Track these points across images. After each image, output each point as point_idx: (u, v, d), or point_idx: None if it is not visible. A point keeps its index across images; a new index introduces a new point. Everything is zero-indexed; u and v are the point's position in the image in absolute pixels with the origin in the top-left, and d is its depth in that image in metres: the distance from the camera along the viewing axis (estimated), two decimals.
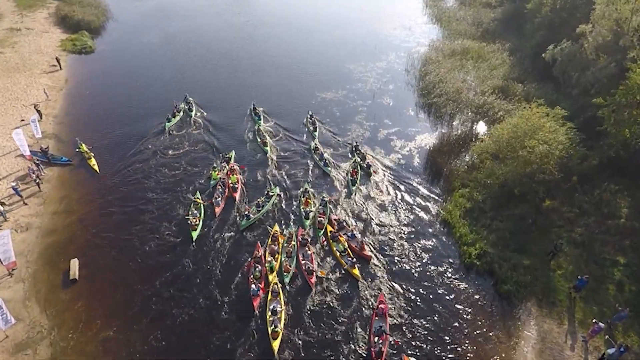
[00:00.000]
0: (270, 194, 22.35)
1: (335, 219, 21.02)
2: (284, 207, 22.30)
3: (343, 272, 18.63)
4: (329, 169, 24.36)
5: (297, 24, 49.18)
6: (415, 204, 22.30)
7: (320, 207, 21.89)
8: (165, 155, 25.78)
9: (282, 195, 22.93)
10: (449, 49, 40.42)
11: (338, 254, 19.27)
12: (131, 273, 18.35)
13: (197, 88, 33.37)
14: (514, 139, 21.26)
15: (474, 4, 56.90)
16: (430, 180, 23.87)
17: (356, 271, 18.32)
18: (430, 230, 20.73)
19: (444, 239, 20.27)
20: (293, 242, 19.60)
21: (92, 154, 24.97)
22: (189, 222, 20.35)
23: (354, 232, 20.30)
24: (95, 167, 24.37)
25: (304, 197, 22.27)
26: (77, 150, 25.18)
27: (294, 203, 22.47)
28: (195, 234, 20.04)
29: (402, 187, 23.32)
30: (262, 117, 29.32)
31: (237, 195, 22.59)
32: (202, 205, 21.65)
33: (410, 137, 27.56)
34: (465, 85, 33.11)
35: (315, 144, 26.30)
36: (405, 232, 20.66)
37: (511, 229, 19.88)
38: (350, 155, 26.00)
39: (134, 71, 36.33)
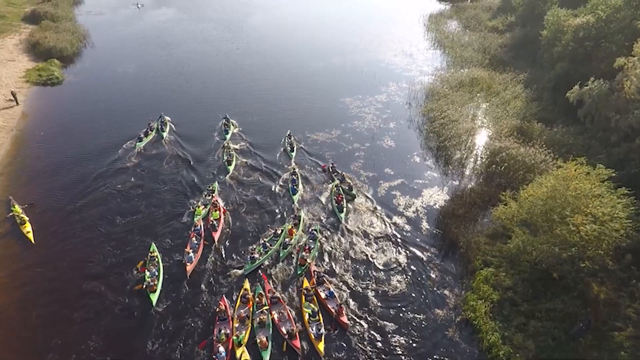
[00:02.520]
0: (279, 232, 19.82)
1: (315, 270, 18.06)
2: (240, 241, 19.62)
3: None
4: (295, 196, 22.41)
5: (291, 51, 45.43)
6: (425, 290, 17.53)
7: (309, 240, 19.53)
8: (124, 196, 22.46)
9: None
10: (455, 79, 36.44)
11: (307, 317, 16.22)
12: None
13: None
14: (550, 209, 16.69)
15: (479, 28, 53.56)
16: (443, 255, 19.10)
17: (321, 346, 15.14)
18: (446, 332, 15.87)
19: (466, 347, 15.41)
20: (265, 307, 16.59)
21: (27, 218, 20.36)
22: (145, 282, 17.22)
23: (333, 290, 17.18)
24: (30, 235, 19.72)
25: (290, 224, 20.30)
26: (10, 213, 20.61)
27: (246, 234, 20.18)
28: (154, 297, 16.92)
29: (410, 268, 18.55)
30: (230, 132, 28.36)
31: (217, 236, 19.92)
32: (159, 260, 18.50)
33: (416, 192, 23.01)
34: (476, 124, 28.90)
35: (294, 168, 24.62)
36: (407, 328, 15.96)
37: (554, 333, 15.10)
38: (327, 178, 24.12)
39: (101, 106, 32.04)
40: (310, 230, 20.19)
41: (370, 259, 18.88)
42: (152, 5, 64.04)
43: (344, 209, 21.21)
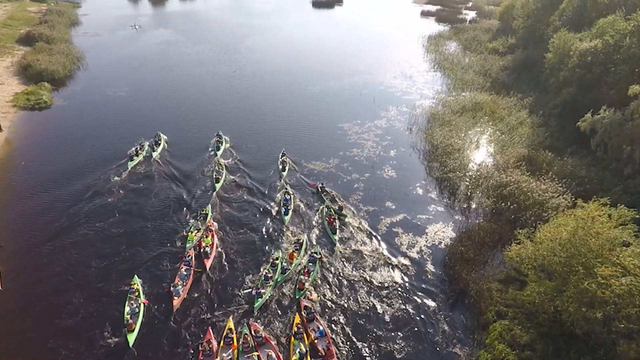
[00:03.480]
0: (276, 261, 18.77)
1: (306, 305, 16.86)
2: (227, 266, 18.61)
3: None
4: (287, 217, 21.76)
5: (288, 74, 44.54)
6: (432, 345, 15.71)
7: (309, 263, 18.88)
8: (104, 227, 21.01)
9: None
10: (458, 103, 35.33)
11: (294, 359, 14.97)
12: None
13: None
14: (571, 256, 15.06)
15: (479, 49, 53.00)
16: (452, 304, 17.28)
17: None
18: None
19: None
20: (255, 353, 15.11)
21: None
22: (125, 321, 16.00)
23: (324, 329, 15.88)
24: None
25: (291, 248, 19.55)
26: None
27: (238, 261, 19.13)
28: (131, 337, 15.58)
29: (415, 318, 16.70)
30: (222, 148, 28.07)
31: (209, 263, 18.88)
32: (140, 294, 17.11)
33: (420, 229, 21.37)
34: (482, 152, 27.52)
35: (285, 188, 24.09)
36: None
37: None
38: (317, 199, 23.51)
39: (88, 132, 30.62)
40: (310, 252, 19.46)
41: (370, 301, 17.10)
42: (149, 26, 63.80)
43: (337, 231, 20.64)
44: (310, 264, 18.81)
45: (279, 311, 16.93)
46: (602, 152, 23.91)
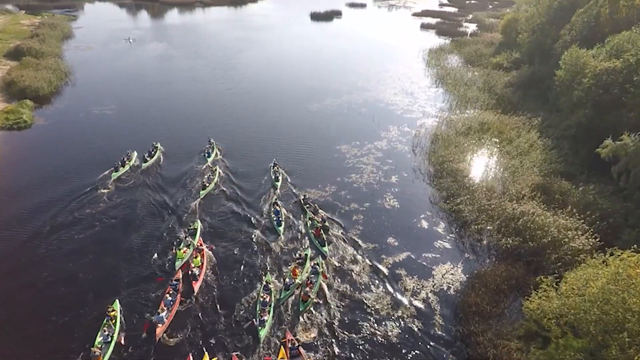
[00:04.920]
0: (270, 285, 17.68)
1: (290, 339, 15.39)
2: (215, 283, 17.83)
3: None
4: (280, 228, 21.24)
5: (284, 91, 42.66)
6: None
7: (311, 275, 18.37)
8: (83, 243, 19.88)
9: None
10: (463, 123, 33.28)
11: None
12: None
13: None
14: (605, 313, 12.80)
15: (482, 63, 51.27)
16: None
17: None
18: None
19: None
20: None
21: None
22: (92, 352, 14.51)
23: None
24: None
25: (293, 264, 18.95)
26: None
27: (225, 278, 18.18)
28: None
29: None
30: (212, 156, 28.00)
31: (197, 286, 17.59)
32: (117, 322, 15.69)
33: (426, 271, 19.05)
34: (492, 178, 25.35)
35: (275, 199, 23.51)
36: None
37: None
38: (300, 210, 23.03)
39: (67, 153, 28.49)
40: (312, 264, 18.92)
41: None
42: (144, 40, 62.26)
43: (326, 243, 20.26)
44: (312, 275, 18.27)
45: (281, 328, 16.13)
46: (624, 181, 21.79)
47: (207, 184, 24.33)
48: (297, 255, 19.57)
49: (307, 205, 22.95)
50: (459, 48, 59.10)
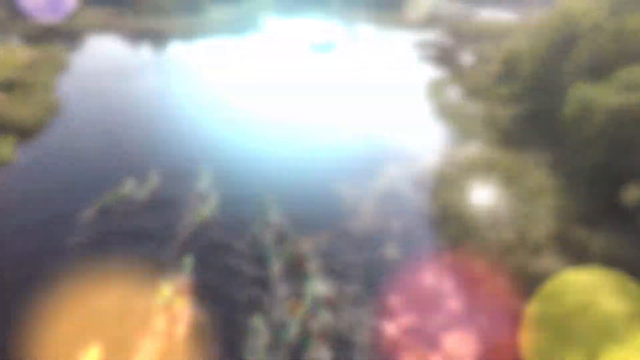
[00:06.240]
0: (258, 328, 16.37)
1: None
2: None
3: None
4: (272, 258, 20.21)
5: (279, 126, 41.09)
6: None
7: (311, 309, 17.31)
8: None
9: None
10: (467, 160, 31.50)
11: None
12: None
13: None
14: None
15: (483, 94, 50.22)
16: None
17: None
18: None
19: None
20: None
21: None
22: None
23: None
24: None
25: (293, 299, 17.84)
26: None
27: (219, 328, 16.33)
28: None
29: None
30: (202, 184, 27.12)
31: (182, 333, 16.07)
32: None
33: (434, 340, 16.52)
34: (503, 226, 23.18)
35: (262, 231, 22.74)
36: None
37: None
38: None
39: (48, 194, 26.49)
40: (311, 297, 17.91)
41: None
42: (141, 74, 61.38)
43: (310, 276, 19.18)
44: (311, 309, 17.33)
45: None
46: None
47: (197, 212, 23.18)
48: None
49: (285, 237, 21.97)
50: (459, 80, 58.30)
